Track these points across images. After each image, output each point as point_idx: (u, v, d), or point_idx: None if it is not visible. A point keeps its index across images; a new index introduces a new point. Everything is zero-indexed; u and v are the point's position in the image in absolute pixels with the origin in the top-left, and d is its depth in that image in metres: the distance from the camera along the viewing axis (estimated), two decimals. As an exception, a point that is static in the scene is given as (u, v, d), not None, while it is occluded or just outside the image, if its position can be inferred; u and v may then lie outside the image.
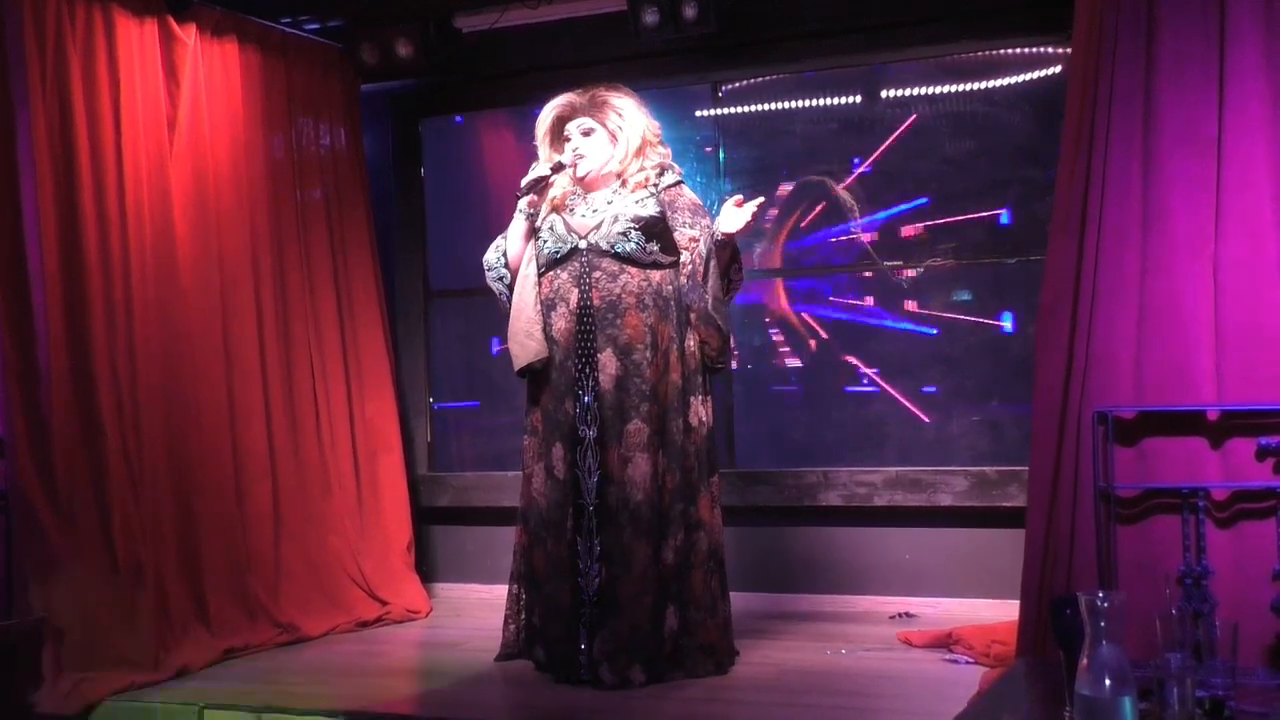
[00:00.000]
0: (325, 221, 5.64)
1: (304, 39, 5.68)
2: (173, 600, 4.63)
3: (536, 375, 4.28)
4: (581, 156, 4.28)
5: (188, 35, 5.00)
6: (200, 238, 5.00)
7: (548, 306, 4.24)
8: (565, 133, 4.34)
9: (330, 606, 5.25)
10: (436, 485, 6.11)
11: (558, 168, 4.29)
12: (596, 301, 4.16)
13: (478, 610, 5.53)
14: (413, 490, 5.89)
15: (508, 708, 4.09)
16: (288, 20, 5.62)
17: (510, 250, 4.36)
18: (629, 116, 4.27)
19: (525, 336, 4.23)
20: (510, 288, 4.36)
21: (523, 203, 4.32)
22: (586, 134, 4.29)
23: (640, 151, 4.27)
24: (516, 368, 4.27)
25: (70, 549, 4.30)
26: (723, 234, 4.13)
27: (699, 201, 4.30)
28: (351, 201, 5.78)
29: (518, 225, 4.34)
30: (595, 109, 4.29)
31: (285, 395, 5.33)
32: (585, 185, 4.32)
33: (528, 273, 4.30)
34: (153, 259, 4.76)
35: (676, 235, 4.21)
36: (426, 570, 5.92)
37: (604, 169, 4.29)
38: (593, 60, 5.55)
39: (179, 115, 4.96)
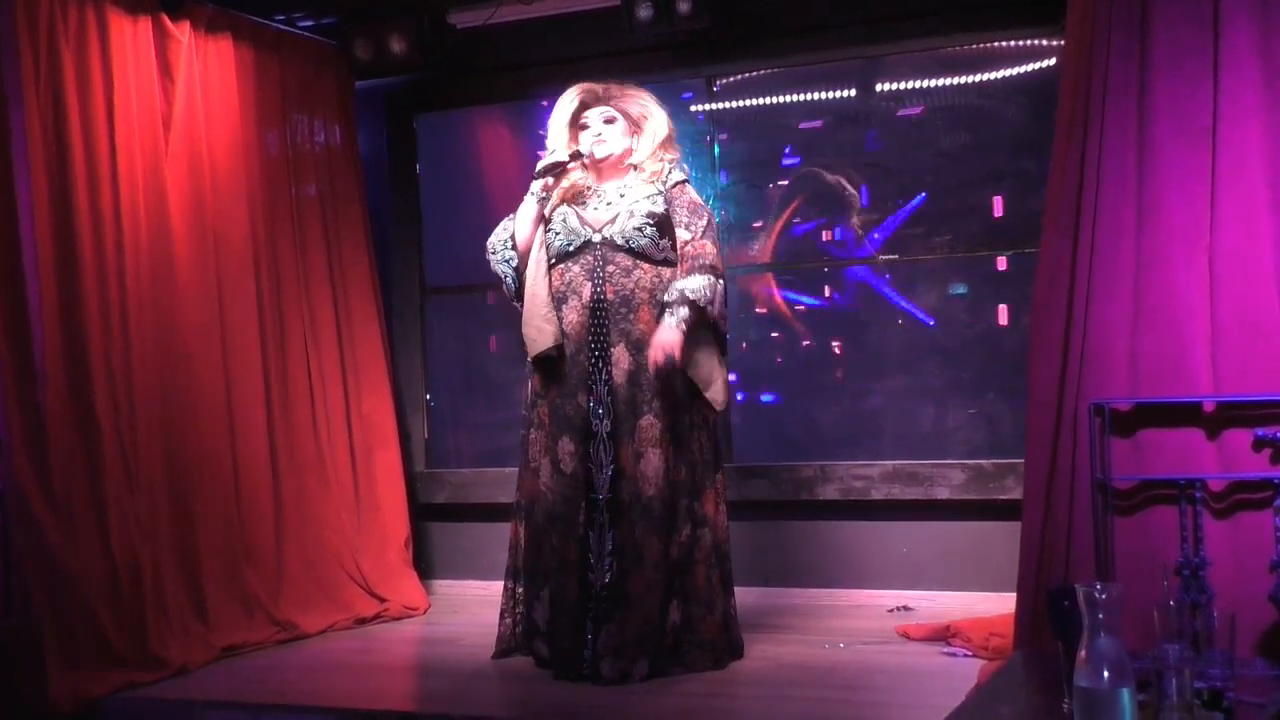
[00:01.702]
0: (320, 218, 5.63)
1: (298, 36, 5.68)
2: (170, 598, 4.63)
3: (546, 368, 4.26)
4: (602, 141, 4.28)
5: (181, 33, 4.99)
6: (195, 235, 4.99)
7: (559, 300, 4.23)
8: (584, 120, 4.33)
9: (328, 604, 5.25)
10: (434, 482, 6.10)
11: (576, 155, 4.28)
12: (610, 296, 4.16)
13: (475, 606, 5.53)
14: (410, 487, 5.89)
15: (506, 704, 4.09)
16: (281, 17, 5.61)
17: (519, 233, 4.33)
18: (653, 110, 4.30)
19: (543, 321, 4.20)
20: (518, 270, 4.34)
21: (536, 185, 4.30)
22: (609, 121, 4.31)
23: (664, 145, 4.29)
24: (532, 354, 4.24)
25: (67, 547, 4.30)
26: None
27: (700, 202, 4.30)
28: (346, 198, 5.78)
29: (528, 209, 4.32)
30: (619, 98, 4.31)
31: (282, 392, 5.33)
32: (598, 173, 4.31)
33: (540, 258, 4.28)
34: (148, 256, 4.76)
35: (678, 232, 4.22)
36: (424, 567, 5.92)
37: (624, 159, 4.29)
38: (587, 55, 5.55)
39: (174, 113, 4.95)
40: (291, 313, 5.42)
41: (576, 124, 4.35)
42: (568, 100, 4.36)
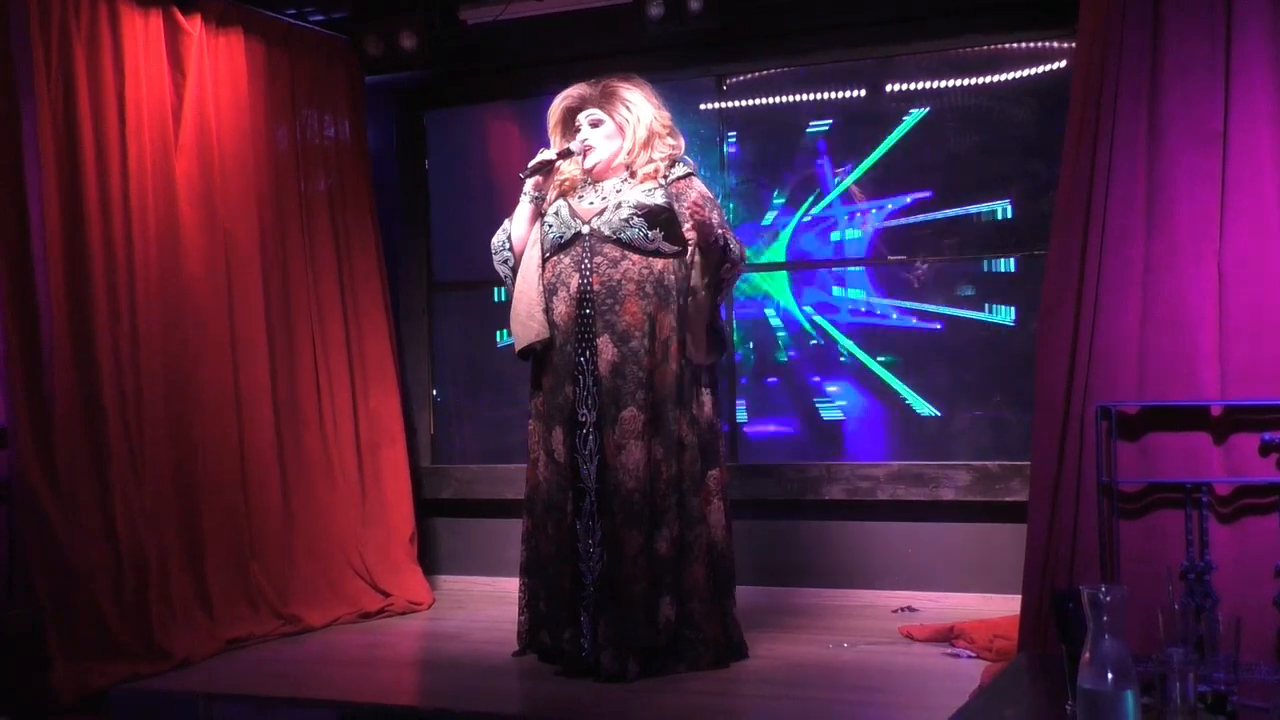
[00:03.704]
0: (329, 213, 5.64)
1: (308, 30, 5.68)
2: (175, 590, 4.64)
3: (539, 359, 4.31)
4: (590, 148, 4.29)
5: (193, 27, 5.00)
6: (204, 228, 5.00)
7: (550, 291, 4.25)
8: (575, 123, 4.36)
9: (333, 598, 5.26)
10: (439, 477, 6.11)
11: (565, 154, 4.32)
12: (597, 287, 4.17)
13: (480, 603, 5.54)
14: (415, 482, 5.89)
15: (510, 700, 4.09)
16: (292, 12, 5.62)
17: (515, 233, 4.38)
18: (637, 108, 4.28)
19: (527, 318, 4.26)
20: (515, 270, 4.38)
21: (528, 185, 4.35)
22: (595, 125, 4.31)
23: (648, 144, 4.28)
24: (517, 349, 4.31)
25: (72, 537, 4.31)
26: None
27: (708, 194, 4.29)
28: (355, 193, 5.78)
29: (523, 209, 4.37)
30: (604, 100, 4.30)
31: (289, 386, 5.34)
32: (594, 175, 4.33)
33: (532, 254, 4.32)
34: (156, 249, 4.77)
35: (684, 230, 4.22)
36: (429, 562, 5.93)
37: (613, 161, 4.31)
38: (597, 53, 5.54)
39: (184, 106, 4.96)
40: (299, 308, 5.43)
41: (569, 127, 4.40)
42: (556, 106, 4.41)
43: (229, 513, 4.98)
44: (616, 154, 4.30)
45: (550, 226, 4.29)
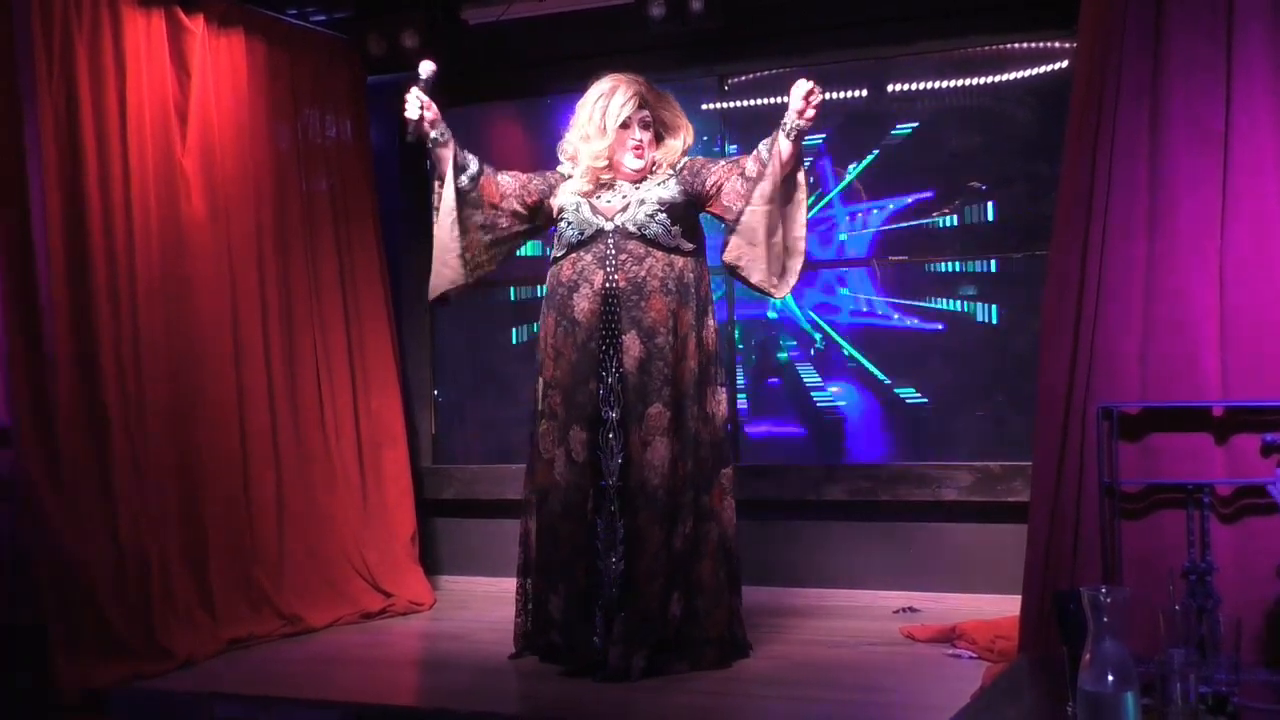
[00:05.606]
0: (331, 213, 5.64)
1: (310, 30, 5.68)
2: (177, 590, 4.64)
3: (556, 357, 4.27)
4: (640, 153, 4.26)
5: (195, 26, 5.00)
6: (206, 228, 5.00)
7: (570, 288, 4.24)
8: (622, 118, 4.23)
9: (334, 598, 5.26)
10: (441, 478, 6.11)
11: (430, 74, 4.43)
12: (622, 283, 4.17)
13: (481, 603, 5.54)
14: (417, 482, 5.89)
15: (513, 700, 4.09)
16: (294, 11, 5.62)
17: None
18: (685, 122, 4.34)
19: (440, 265, 4.36)
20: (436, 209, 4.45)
21: (424, 116, 4.45)
22: (647, 127, 4.29)
23: (684, 154, 4.33)
24: (430, 297, 4.45)
25: (75, 537, 4.31)
26: (794, 126, 4.06)
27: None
28: (357, 193, 5.78)
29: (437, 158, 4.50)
30: (660, 105, 4.32)
31: (290, 386, 5.34)
32: (618, 175, 4.30)
33: (446, 196, 4.40)
34: (158, 248, 4.78)
35: (717, 175, 4.21)
36: (430, 563, 5.92)
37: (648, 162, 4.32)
38: (599, 53, 5.53)
39: (190, 105, 4.97)
40: (300, 306, 5.43)
41: (612, 120, 4.24)
42: (621, 96, 4.25)
43: (231, 512, 4.98)
44: (652, 160, 4.31)
45: (569, 224, 4.28)
